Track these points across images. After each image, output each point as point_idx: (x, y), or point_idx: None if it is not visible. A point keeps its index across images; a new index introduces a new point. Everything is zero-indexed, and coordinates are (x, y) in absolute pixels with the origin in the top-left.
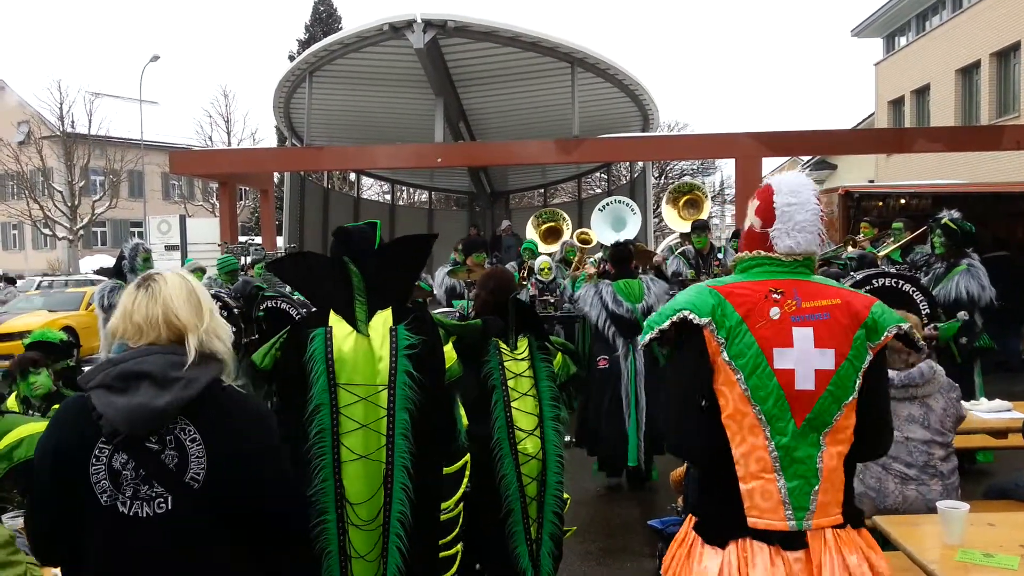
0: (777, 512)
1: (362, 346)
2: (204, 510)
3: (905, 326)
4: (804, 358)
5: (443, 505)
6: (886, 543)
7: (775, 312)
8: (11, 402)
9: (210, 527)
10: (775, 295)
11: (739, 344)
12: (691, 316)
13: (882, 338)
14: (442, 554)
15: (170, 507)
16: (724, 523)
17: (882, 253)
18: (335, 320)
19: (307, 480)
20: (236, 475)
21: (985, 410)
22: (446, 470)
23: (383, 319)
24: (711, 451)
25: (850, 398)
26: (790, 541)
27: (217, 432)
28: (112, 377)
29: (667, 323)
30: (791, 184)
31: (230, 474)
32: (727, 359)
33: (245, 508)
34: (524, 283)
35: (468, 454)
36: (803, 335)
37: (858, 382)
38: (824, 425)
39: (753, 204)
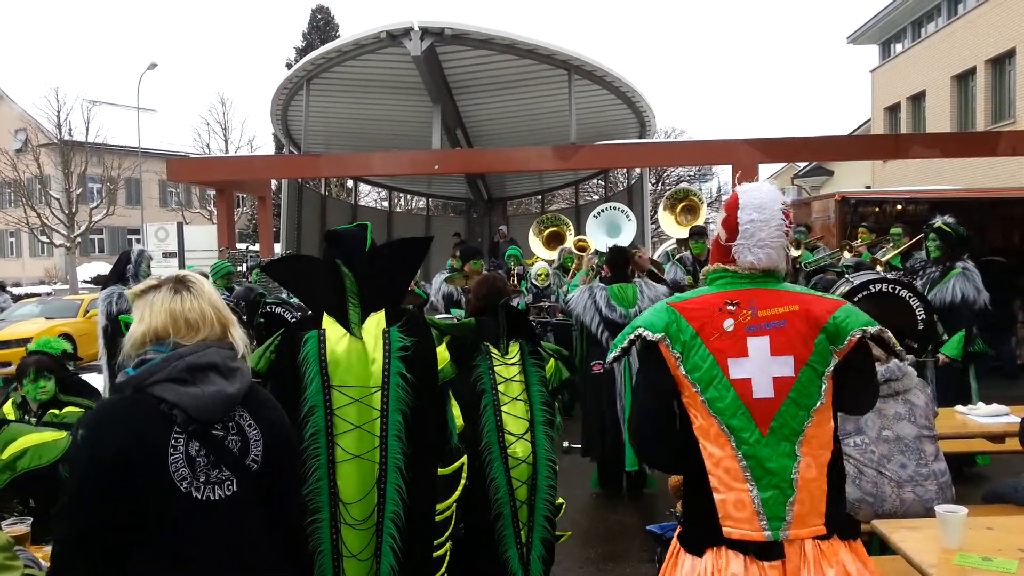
0: (752, 522)
1: (355, 348)
2: (258, 491)
3: (872, 329)
4: (761, 367)
5: (439, 506)
6: (885, 547)
7: (729, 324)
8: (7, 407)
9: (260, 509)
10: (729, 307)
11: (695, 357)
12: (645, 333)
13: (844, 343)
14: (435, 553)
15: (235, 488)
16: (701, 532)
17: (883, 259)
18: (328, 322)
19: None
20: (279, 458)
21: (982, 414)
22: (442, 471)
23: (376, 321)
24: (685, 463)
25: (817, 404)
26: (766, 551)
27: (263, 418)
28: (180, 370)
29: (626, 341)
30: (757, 199)
31: (276, 457)
32: (684, 373)
33: (281, 489)
34: (519, 290)
35: (465, 455)
36: (758, 344)
37: (824, 387)
38: (795, 434)
39: (720, 215)
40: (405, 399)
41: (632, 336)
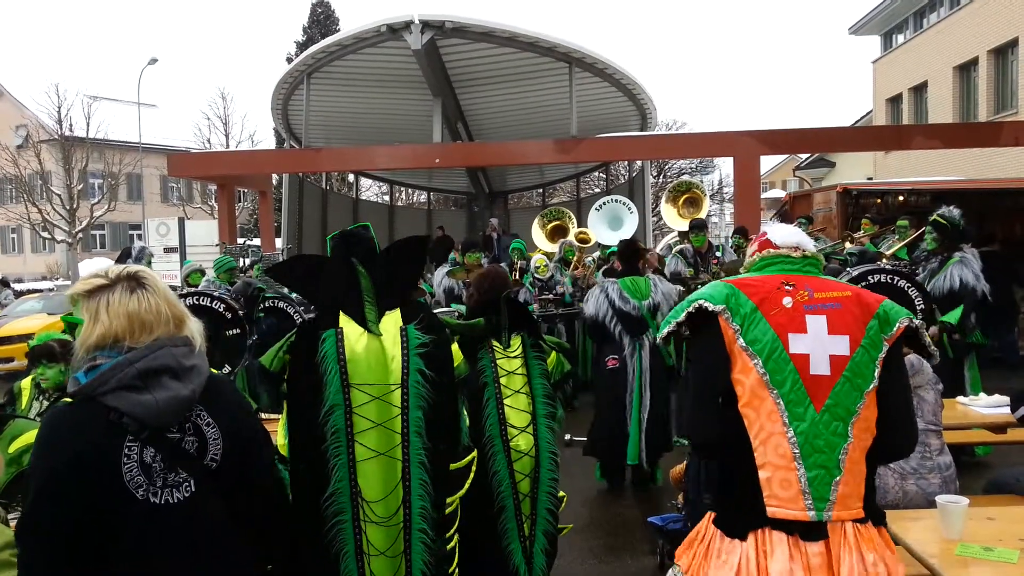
0: (797, 502)
1: (374, 346)
2: (219, 490)
3: (916, 321)
4: (818, 343)
5: (449, 500)
6: None
7: (788, 301)
8: (25, 383)
9: (222, 507)
10: (787, 287)
11: (755, 330)
12: (706, 304)
13: (894, 329)
14: (447, 547)
15: (194, 489)
16: (743, 514)
17: (889, 251)
18: (345, 321)
19: (323, 481)
20: (241, 455)
21: (984, 405)
22: (453, 466)
23: (393, 319)
24: (729, 442)
25: (870, 386)
26: (810, 532)
27: (224, 415)
28: (131, 377)
29: (683, 315)
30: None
31: (237, 454)
32: (743, 345)
33: (246, 488)
34: (520, 285)
35: (475, 451)
36: (817, 322)
37: (877, 371)
38: (848, 414)
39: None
40: (425, 396)
41: (691, 309)
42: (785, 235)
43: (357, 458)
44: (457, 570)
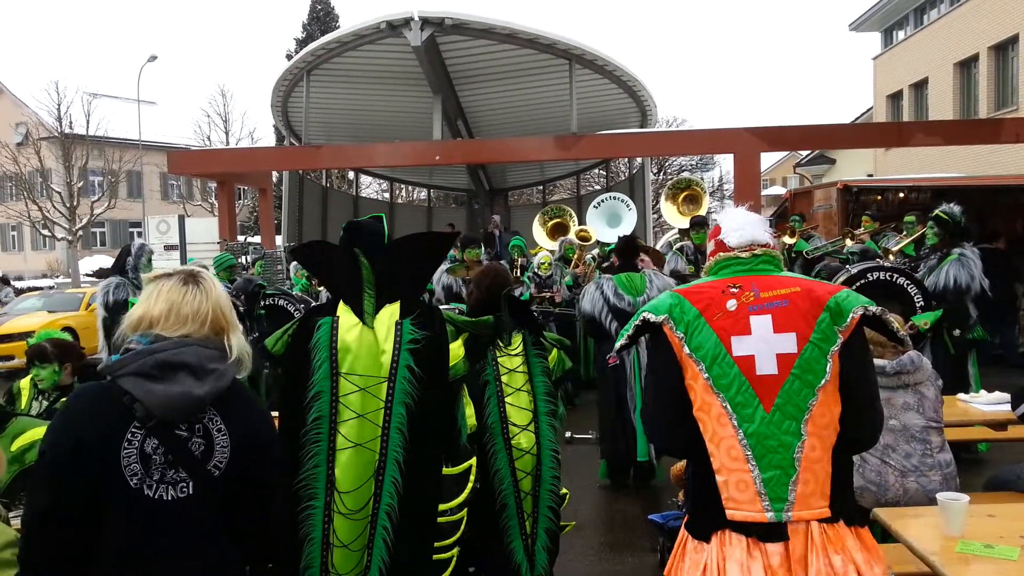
0: (754, 504)
1: (367, 337)
2: (217, 497)
3: (873, 308)
4: (764, 343)
5: (443, 507)
6: (886, 535)
7: (732, 304)
8: (24, 383)
9: (219, 512)
10: (732, 289)
11: (698, 337)
12: (649, 316)
13: (848, 320)
14: (438, 556)
15: (191, 491)
16: (707, 518)
17: (896, 248)
18: (343, 310)
19: (298, 465)
20: (250, 466)
21: (984, 402)
22: (448, 471)
23: (390, 312)
24: (689, 446)
25: (822, 381)
26: (769, 533)
27: (238, 423)
28: (150, 366)
29: (632, 328)
30: (731, 210)
31: (245, 464)
32: (688, 352)
33: (250, 497)
34: (522, 281)
35: (474, 457)
36: (761, 322)
37: (829, 365)
38: (800, 411)
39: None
40: (411, 392)
41: (638, 322)
42: (738, 235)
43: (337, 447)
44: None
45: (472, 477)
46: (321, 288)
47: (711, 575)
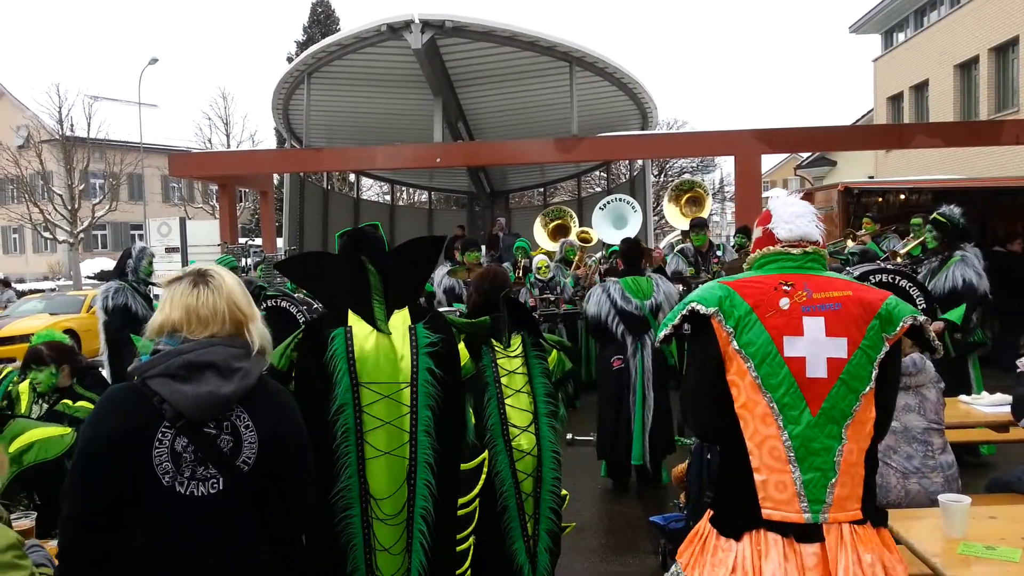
0: (792, 504)
1: (383, 345)
2: (247, 492)
3: (921, 318)
4: (815, 346)
5: (461, 501)
6: None
7: (785, 302)
8: (23, 387)
9: (249, 509)
10: (785, 287)
11: (749, 333)
12: (698, 307)
13: (898, 328)
14: (458, 548)
15: (221, 487)
16: (739, 515)
17: (903, 250)
18: (354, 320)
19: (332, 478)
20: (278, 461)
21: (987, 404)
22: (463, 466)
23: (402, 318)
24: (725, 436)
25: (867, 388)
26: (805, 534)
27: (266, 420)
28: (176, 367)
29: (678, 318)
30: (785, 198)
31: (273, 460)
32: (737, 348)
33: (279, 492)
34: (522, 284)
35: (486, 451)
36: (814, 324)
37: (874, 372)
38: (844, 416)
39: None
40: (434, 395)
41: (684, 312)
42: (789, 228)
43: (366, 456)
44: (470, 571)
45: (485, 469)
46: None
47: (743, 574)
